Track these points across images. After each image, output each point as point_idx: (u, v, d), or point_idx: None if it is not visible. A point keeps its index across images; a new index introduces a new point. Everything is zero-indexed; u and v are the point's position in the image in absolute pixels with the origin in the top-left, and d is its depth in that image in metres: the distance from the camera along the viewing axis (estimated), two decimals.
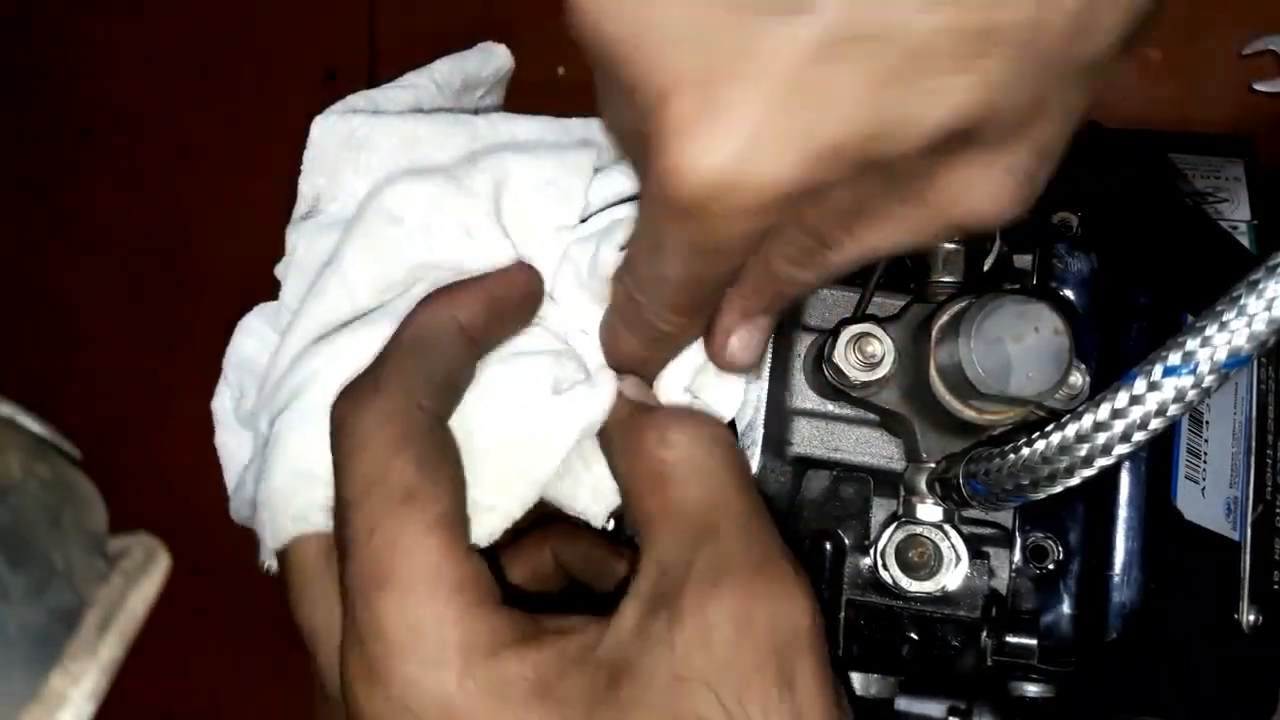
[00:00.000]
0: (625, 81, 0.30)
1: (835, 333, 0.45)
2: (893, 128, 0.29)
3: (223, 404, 0.47)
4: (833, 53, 0.28)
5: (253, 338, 0.46)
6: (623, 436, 0.41)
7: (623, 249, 0.40)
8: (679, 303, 0.37)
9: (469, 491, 0.39)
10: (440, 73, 0.47)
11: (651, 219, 0.34)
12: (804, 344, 0.48)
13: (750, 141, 0.29)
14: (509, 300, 0.42)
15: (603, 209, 0.43)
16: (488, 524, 0.40)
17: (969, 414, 0.43)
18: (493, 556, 0.42)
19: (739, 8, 0.29)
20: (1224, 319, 0.33)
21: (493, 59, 0.49)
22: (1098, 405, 0.36)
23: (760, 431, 0.44)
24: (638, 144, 0.32)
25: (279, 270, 0.46)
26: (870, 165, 0.30)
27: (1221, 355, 0.33)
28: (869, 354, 0.45)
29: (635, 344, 0.41)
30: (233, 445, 0.47)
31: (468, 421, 0.40)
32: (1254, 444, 0.56)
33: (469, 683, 0.35)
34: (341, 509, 0.37)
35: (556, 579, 0.51)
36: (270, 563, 0.42)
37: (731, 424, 0.46)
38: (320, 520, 0.40)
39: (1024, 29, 0.28)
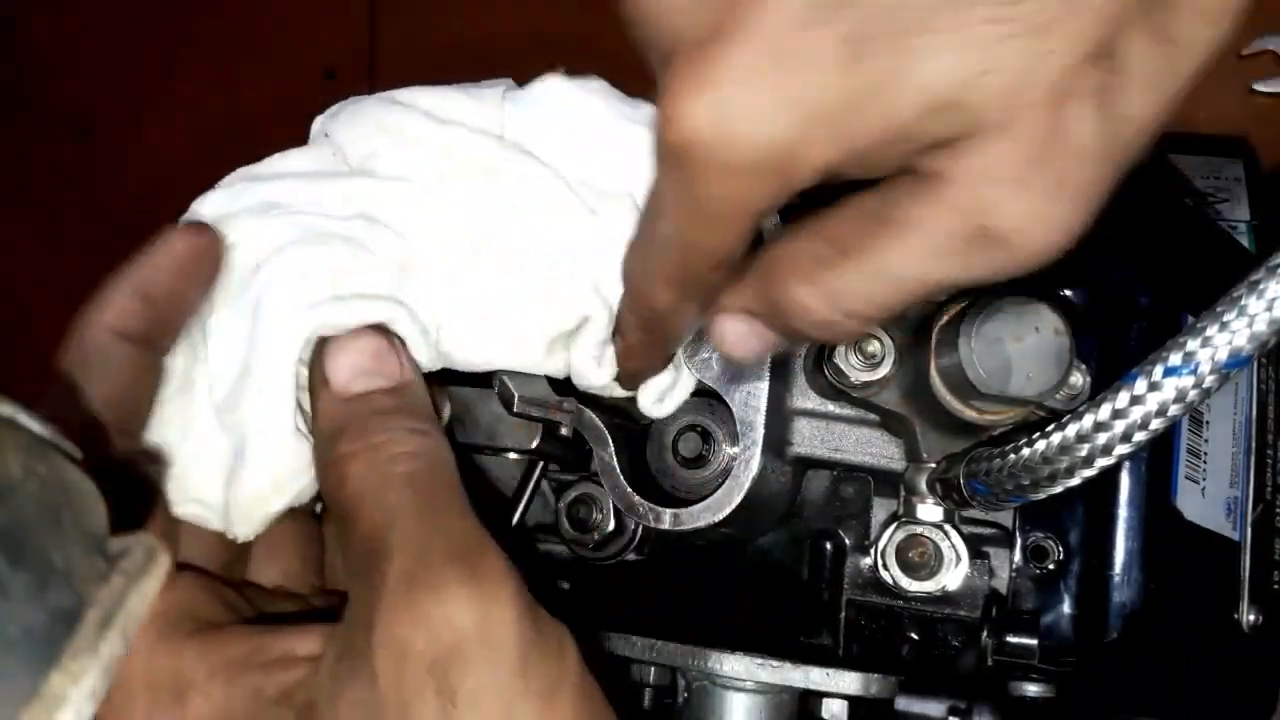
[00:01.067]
0: (641, 43, 0.31)
1: None
2: (877, 94, 0.29)
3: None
4: (814, 16, 0.28)
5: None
6: (317, 463, 0.40)
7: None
8: (669, 274, 0.36)
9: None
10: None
11: (654, 177, 0.34)
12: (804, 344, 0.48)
13: (736, 99, 0.29)
14: (161, 282, 0.40)
15: None
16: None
17: (969, 414, 0.43)
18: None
19: None
20: (1224, 319, 0.33)
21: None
22: (1098, 405, 0.36)
23: (761, 432, 0.44)
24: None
25: None
26: (865, 143, 0.30)
27: (1222, 355, 0.33)
28: (870, 354, 0.45)
29: (631, 326, 0.40)
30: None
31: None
32: (1254, 444, 0.56)
33: None
34: None
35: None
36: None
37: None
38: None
39: None
